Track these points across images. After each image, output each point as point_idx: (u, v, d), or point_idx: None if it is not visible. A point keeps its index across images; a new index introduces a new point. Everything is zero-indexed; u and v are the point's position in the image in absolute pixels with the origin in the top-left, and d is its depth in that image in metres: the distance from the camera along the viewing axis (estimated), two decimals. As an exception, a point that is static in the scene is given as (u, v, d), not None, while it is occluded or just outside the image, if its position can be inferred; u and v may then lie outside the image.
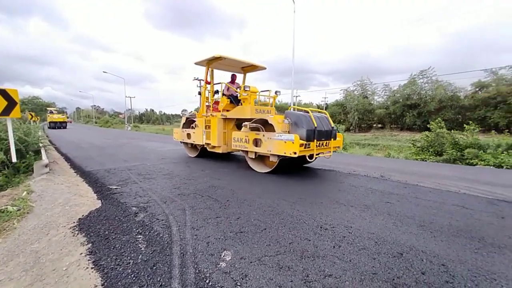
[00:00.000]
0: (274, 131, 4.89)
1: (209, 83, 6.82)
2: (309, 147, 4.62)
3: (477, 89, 27.54)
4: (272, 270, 1.85)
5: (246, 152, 5.59)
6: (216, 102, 6.93)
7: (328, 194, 3.87)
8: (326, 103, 45.38)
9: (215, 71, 7.01)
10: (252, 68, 7.30)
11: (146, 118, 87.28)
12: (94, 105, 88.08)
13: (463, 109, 26.63)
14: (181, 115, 9.06)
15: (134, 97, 47.05)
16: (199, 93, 7.28)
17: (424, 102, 28.85)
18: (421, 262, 1.96)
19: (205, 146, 6.73)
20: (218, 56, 5.95)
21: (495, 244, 2.29)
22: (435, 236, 2.43)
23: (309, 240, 2.29)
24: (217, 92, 7.04)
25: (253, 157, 5.45)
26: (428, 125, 10.35)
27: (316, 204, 3.36)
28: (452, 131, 9.68)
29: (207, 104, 6.98)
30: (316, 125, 4.67)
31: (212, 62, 6.42)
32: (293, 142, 4.42)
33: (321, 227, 2.59)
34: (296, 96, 42.68)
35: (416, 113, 29.15)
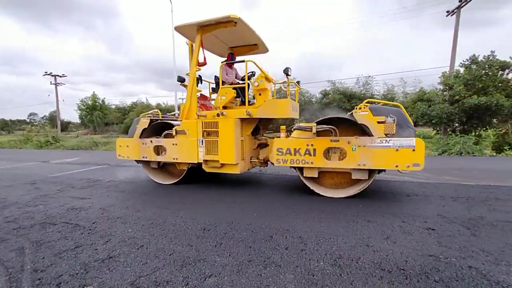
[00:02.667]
0: (353, 135, 3.44)
1: (203, 65, 4.45)
2: None
3: (323, 96, 36.51)
4: (148, 290, 1.66)
5: (301, 169, 3.77)
6: (203, 97, 4.99)
7: (214, 194, 3.96)
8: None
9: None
10: (249, 49, 5.05)
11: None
12: None
13: (315, 111, 34.61)
14: (135, 118, 5.23)
15: None
16: (181, 81, 4.56)
17: (291, 105, 35.18)
18: (285, 239, 2.34)
19: (201, 165, 4.26)
20: (234, 18, 3.79)
21: (330, 212, 3.07)
22: (297, 216, 2.99)
23: (192, 246, 2.24)
24: (200, 79, 4.69)
25: (316, 175, 3.72)
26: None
27: (202, 207, 3.36)
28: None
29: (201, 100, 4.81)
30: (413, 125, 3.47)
31: (210, 30, 4.10)
32: (413, 150, 3.06)
33: (204, 229, 2.60)
34: (183, 99, 41.28)
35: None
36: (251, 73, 4.61)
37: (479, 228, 2.49)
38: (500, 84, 11.49)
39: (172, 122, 4.63)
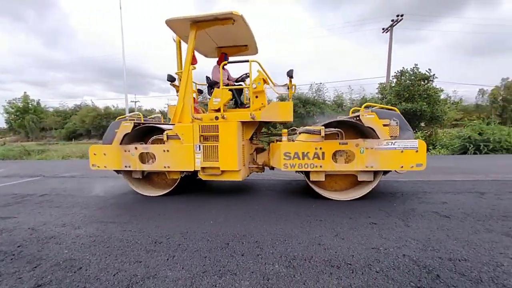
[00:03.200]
0: (355, 137, 3.62)
1: (194, 63, 4.12)
2: None
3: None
4: (85, 319, 1.47)
5: (308, 174, 3.71)
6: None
7: (168, 203, 3.74)
8: (170, 110, 44.65)
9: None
10: (238, 50, 4.83)
11: None
12: None
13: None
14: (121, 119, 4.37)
15: None
16: (171, 81, 4.29)
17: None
18: (242, 245, 2.32)
19: (196, 174, 3.96)
20: (235, 15, 3.59)
21: (285, 214, 3.17)
22: (254, 220, 3.00)
23: (140, 262, 2.07)
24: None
25: (323, 179, 3.69)
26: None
27: (154, 218, 3.14)
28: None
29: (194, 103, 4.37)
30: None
31: (205, 26, 3.83)
32: (416, 151, 3.30)
33: (155, 242, 2.42)
34: (135, 102, 38.66)
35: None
36: (245, 75, 4.52)
37: (411, 219, 2.84)
38: (423, 93, 13.47)
39: (161, 126, 4.19)
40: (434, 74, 13.60)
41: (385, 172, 3.62)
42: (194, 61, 4.06)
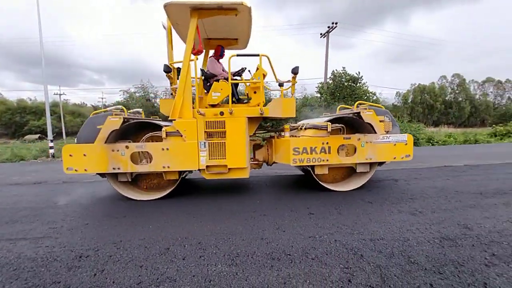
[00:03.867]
0: (351, 132, 3.96)
1: (198, 53, 3.75)
2: None
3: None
4: None
5: (312, 168, 3.82)
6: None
7: (97, 208, 3.32)
8: (105, 104, 39.75)
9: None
10: (227, 43, 4.59)
11: None
12: None
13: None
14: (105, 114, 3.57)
15: None
16: (167, 72, 3.87)
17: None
18: (183, 248, 2.21)
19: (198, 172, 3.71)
20: (245, 7, 3.38)
21: (229, 212, 3.17)
22: (197, 220, 2.90)
23: (59, 283, 1.77)
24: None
25: (326, 172, 3.88)
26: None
27: (79, 228, 2.73)
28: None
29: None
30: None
31: (207, 14, 3.53)
32: (406, 144, 3.79)
33: (80, 257, 2.11)
34: (60, 94, 32.96)
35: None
36: (241, 69, 4.34)
37: (342, 207, 3.17)
38: (352, 94, 15.29)
39: (157, 122, 3.82)
40: (362, 76, 15.58)
41: (380, 164, 4.02)
42: (200, 49, 3.75)
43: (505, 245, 2.08)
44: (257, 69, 3.94)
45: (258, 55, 3.75)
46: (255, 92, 4.02)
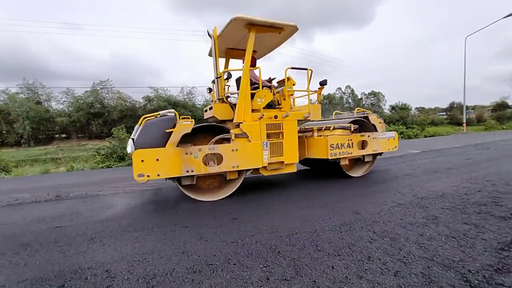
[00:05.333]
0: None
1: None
2: None
3: (146, 102, 34.46)
4: None
5: (339, 160, 4.72)
6: None
7: None
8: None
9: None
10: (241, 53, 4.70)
11: None
12: None
13: (139, 118, 31.97)
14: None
15: None
16: (229, 78, 4.05)
17: (107, 111, 30.12)
18: (85, 282, 1.86)
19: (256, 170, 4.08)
20: (294, 28, 4.22)
21: (146, 229, 2.89)
22: (105, 244, 2.50)
23: None
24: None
25: (347, 163, 4.90)
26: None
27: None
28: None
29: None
30: None
31: (259, 31, 4.03)
32: (394, 139, 5.19)
33: None
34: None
35: (101, 121, 29.58)
36: (271, 78, 4.88)
37: (263, 208, 3.36)
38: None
39: (222, 125, 4.03)
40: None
41: (375, 155, 5.20)
42: (252, 62, 4.35)
43: (381, 223, 2.65)
44: (288, 79, 4.45)
45: (306, 69, 4.49)
46: (284, 99, 4.50)
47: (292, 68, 4.38)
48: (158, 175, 3.38)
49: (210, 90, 5.17)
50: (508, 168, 5.06)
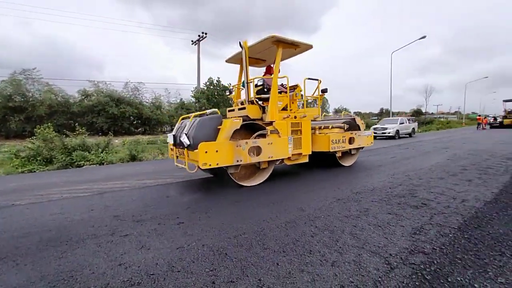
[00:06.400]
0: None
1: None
2: None
3: (83, 97, 30.50)
4: None
5: (336, 153, 5.93)
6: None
7: None
8: None
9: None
10: (255, 62, 6.36)
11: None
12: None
13: (74, 115, 28.05)
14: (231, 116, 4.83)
15: None
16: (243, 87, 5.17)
17: (32, 105, 25.63)
18: None
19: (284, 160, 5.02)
20: (309, 46, 5.55)
21: (77, 242, 2.55)
22: (19, 264, 2.10)
23: None
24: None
25: (341, 155, 6.17)
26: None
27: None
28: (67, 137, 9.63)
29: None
30: None
31: (283, 46, 5.08)
32: (371, 136, 6.87)
33: None
34: None
35: (24, 117, 25.01)
36: (280, 84, 5.45)
37: (212, 210, 3.29)
38: (225, 101, 16.66)
39: (259, 124, 4.68)
40: (232, 87, 17.33)
41: (359, 149, 6.67)
42: (270, 71, 5.52)
43: (322, 218, 2.88)
44: (297, 86, 5.36)
45: (317, 79, 5.59)
46: (292, 103, 5.28)
47: (309, 78, 5.46)
48: (217, 164, 3.94)
49: (230, 92, 6.28)
50: (421, 165, 6.06)
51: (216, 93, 16.07)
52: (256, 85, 5.25)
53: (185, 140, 3.98)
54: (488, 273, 1.80)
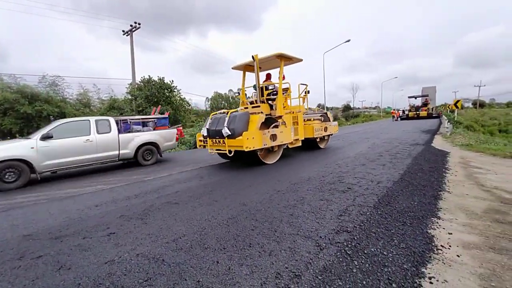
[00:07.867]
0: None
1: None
2: None
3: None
4: None
5: (317, 139, 8.03)
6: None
7: None
8: None
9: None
10: (249, 69, 7.52)
11: None
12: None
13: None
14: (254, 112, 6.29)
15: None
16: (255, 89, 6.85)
17: None
18: None
19: (287, 144, 6.62)
20: (300, 60, 7.35)
21: None
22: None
23: None
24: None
25: (319, 140, 8.23)
26: None
27: None
28: None
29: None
30: None
31: (283, 60, 6.85)
32: (336, 125, 9.05)
33: None
34: None
35: None
36: (273, 87, 7.13)
37: (149, 215, 3.07)
38: (167, 99, 15.68)
39: (273, 117, 6.40)
40: (176, 86, 16.47)
41: (329, 135, 8.85)
42: (269, 77, 7.49)
43: (263, 211, 3.00)
44: (288, 89, 7.06)
45: (306, 84, 7.63)
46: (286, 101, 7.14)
47: (301, 84, 7.57)
48: (253, 146, 5.33)
49: (238, 93, 8.44)
50: (348, 154, 6.90)
51: (156, 92, 14.88)
52: (267, 89, 6.89)
53: (226, 131, 5.34)
54: (394, 241, 2.17)
